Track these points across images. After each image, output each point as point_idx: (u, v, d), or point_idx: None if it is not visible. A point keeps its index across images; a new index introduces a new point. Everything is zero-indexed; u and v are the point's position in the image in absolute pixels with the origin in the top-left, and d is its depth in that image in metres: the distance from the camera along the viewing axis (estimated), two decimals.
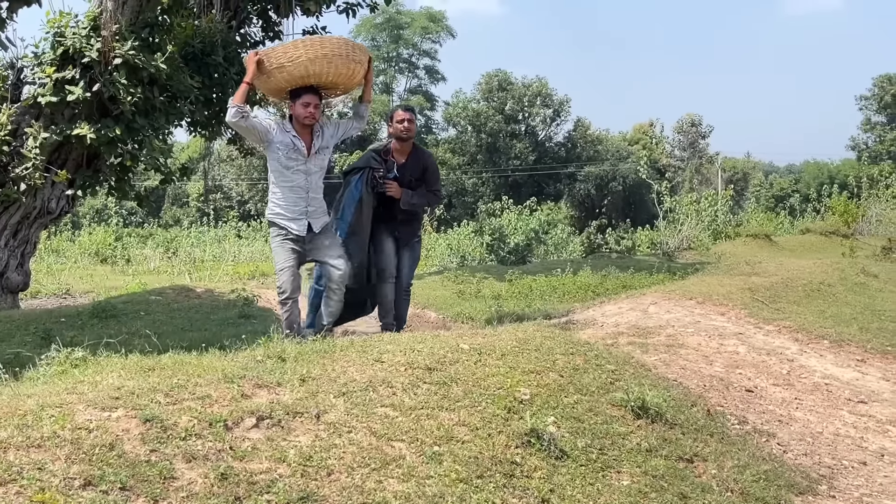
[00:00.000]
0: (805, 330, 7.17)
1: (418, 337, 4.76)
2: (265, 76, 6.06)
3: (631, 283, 13.85)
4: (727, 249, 23.56)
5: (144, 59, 10.76)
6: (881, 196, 34.38)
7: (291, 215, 6.17)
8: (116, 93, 10.58)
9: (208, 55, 12.72)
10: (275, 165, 6.19)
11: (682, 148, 75.73)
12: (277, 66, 5.97)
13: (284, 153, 6.09)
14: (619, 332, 6.85)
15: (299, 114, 6.13)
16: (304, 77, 6.04)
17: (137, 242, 36.67)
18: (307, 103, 6.10)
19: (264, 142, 6.14)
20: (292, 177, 6.15)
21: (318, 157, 6.27)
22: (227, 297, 10.70)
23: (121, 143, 11.21)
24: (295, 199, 6.17)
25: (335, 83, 6.27)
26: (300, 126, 6.18)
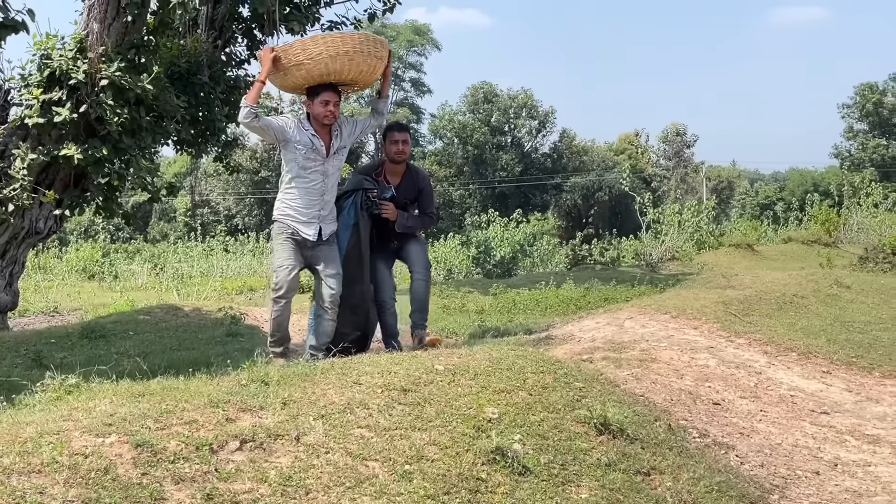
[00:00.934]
0: (774, 342, 7.40)
1: (396, 358, 4.96)
2: (281, 73, 5.91)
3: (612, 296, 14.12)
4: (710, 259, 23.86)
5: (131, 80, 10.89)
6: (862, 204, 34.81)
7: (304, 218, 5.99)
8: (103, 113, 10.72)
9: (194, 75, 12.90)
10: (292, 166, 6.00)
11: (668, 157, 76.29)
12: (296, 64, 5.80)
13: (303, 153, 5.93)
14: (595, 346, 7.07)
15: (318, 113, 5.97)
16: (324, 75, 5.88)
17: (125, 258, 36.77)
18: (326, 101, 5.95)
19: (281, 140, 5.98)
20: (310, 177, 5.97)
21: (336, 157, 6.11)
22: (215, 316, 10.87)
23: (108, 163, 11.33)
24: (310, 202, 5.99)
25: (354, 80, 6.12)
26: (318, 125, 6.02)
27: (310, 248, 6.03)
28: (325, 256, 6.04)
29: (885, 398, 6.25)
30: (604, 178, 64.31)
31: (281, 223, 6.04)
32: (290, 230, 5.97)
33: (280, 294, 5.91)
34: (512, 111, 64.06)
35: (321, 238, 6.04)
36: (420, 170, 7.15)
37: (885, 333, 8.27)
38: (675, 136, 76.81)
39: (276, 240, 6.06)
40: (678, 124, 77.04)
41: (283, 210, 6.03)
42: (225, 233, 41.87)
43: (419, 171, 7.06)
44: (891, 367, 7.03)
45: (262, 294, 23.35)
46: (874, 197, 35.61)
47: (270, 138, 6.03)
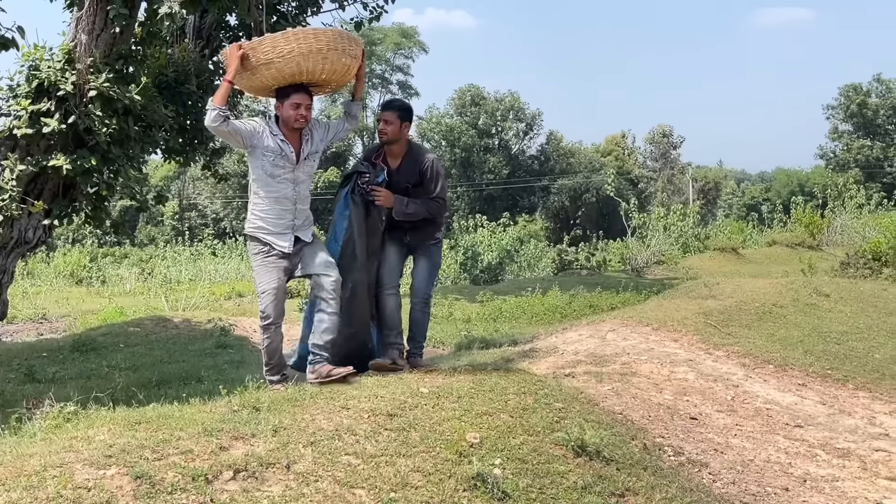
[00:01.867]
0: (752, 355, 7.59)
1: (382, 381, 5.12)
2: (249, 73, 5.47)
3: (597, 303, 14.32)
4: (695, 264, 24.12)
5: (119, 90, 10.96)
6: (845, 207, 35.17)
7: (277, 230, 5.58)
8: (92, 124, 10.78)
9: (182, 84, 13.01)
10: (259, 174, 5.56)
11: (654, 159, 76.63)
12: (265, 62, 5.36)
13: (271, 160, 5.50)
14: (577, 360, 7.24)
15: (289, 116, 5.55)
16: (295, 74, 5.47)
17: (112, 262, 36.75)
18: (297, 104, 5.54)
19: (248, 147, 5.53)
20: (279, 186, 5.55)
21: (307, 163, 5.68)
22: (204, 327, 11.00)
23: (96, 173, 11.38)
24: (281, 212, 5.58)
25: (327, 80, 5.69)
26: (288, 129, 5.59)
27: (293, 256, 5.66)
28: (308, 254, 5.67)
29: (857, 410, 6.45)
30: (591, 179, 64.61)
31: (254, 239, 5.65)
32: (266, 245, 5.58)
33: (268, 322, 5.55)
34: (499, 114, 64.32)
35: (301, 242, 5.70)
36: (423, 150, 6.41)
37: (860, 343, 8.47)
38: (662, 138, 77.18)
39: (255, 260, 5.66)
40: (664, 126, 77.43)
41: (255, 223, 5.65)
42: (213, 236, 41.90)
43: (421, 152, 6.30)
44: (864, 378, 7.23)
45: (250, 299, 23.43)
46: (857, 199, 35.98)
47: (238, 143, 5.56)
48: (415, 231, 6.21)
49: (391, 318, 6.19)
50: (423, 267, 6.27)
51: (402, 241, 6.26)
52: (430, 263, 6.31)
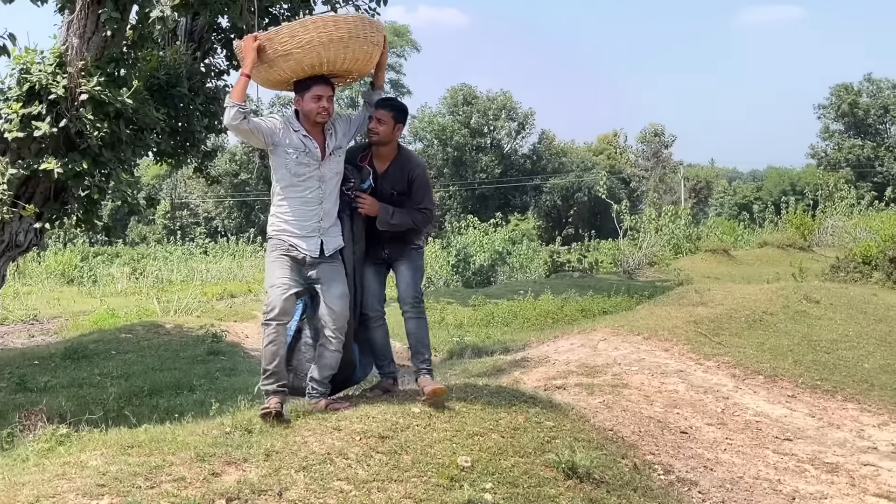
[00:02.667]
0: (742, 365, 7.63)
1: (374, 401, 5.13)
2: (266, 66, 5.15)
3: (588, 307, 14.35)
4: (687, 265, 24.18)
5: (110, 94, 10.92)
6: (836, 207, 35.30)
7: (302, 232, 5.22)
8: (83, 128, 10.74)
9: (173, 86, 13.01)
10: (283, 173, 5.24)
11: (646, 158, 76.73)
12: (283, 54, 5.05)
13: (294, 158, 5.18)
14: (569, 370, 7.26)
15: (310, 109, 5.21)
16: (315, 65, 5.13)
17: (104, 261, 36.65)
18: (319, 96, 5.19)
19: (269, 145, 5.22)
20: (304, 185, 5.22)
21: (332, 159, 5.32)
22: (196, 333, 10.99)
23: (88, 177, 11.37)
24: (307, 213, 5.24)
25: (349, 70, 5.37)
26: (309, 124, 5.26)
27: (310, 267, 5.24)
28: (328, 275, 5.25)
29: (846, 423, 6.49)
30: (583, 178, 64.74)
31: (276, 240, 5.29)
32: (287, 246, 5.21)
33: (272, 315, 5.09)
34: (491, 113, 64.39)
35: (323, 254, 5.25)
36: (413, 155, 5.96)
37: (850, 352, 8.52)
38: (654, 137, 77.29)
39: (270, 257, 5.30)
40: (656, 125, 77.53)
41: (278, 225, 5.29)
42: (204, 235, 41.84)
43: (411, 158, 5.85)
44: (853, 389, 7.28)
45: (242, 300, 23.42)
46: (848, 200, 36.13)
47: (259, 142, 5.27)
48: (393, 241, 5.73)
49: (381, 349, 5.75)
50: (404, 271, 5.73)
51: (380, 256, 5.77)
52: (413, 266, 5.78)
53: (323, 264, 5.26)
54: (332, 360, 5.26)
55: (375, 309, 5.71)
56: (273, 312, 5.09)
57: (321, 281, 5.25)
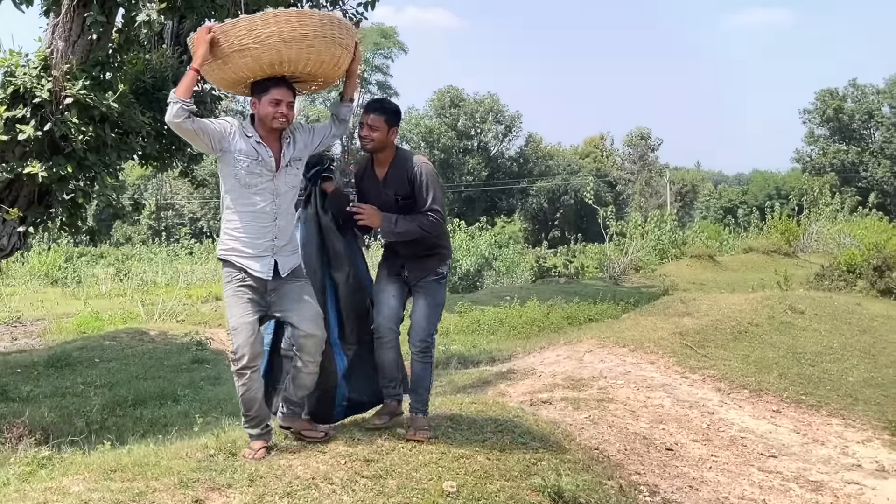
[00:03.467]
0: (727, 379, 7.64)
1: (358, 420, 5.10)
2: (220, 61, 4.54)
3: (574, 315, 14.34)
4: (672, 271, 24.23)
5: (96, 97, 10.85)
6: (821, 213, 35.50)
7: (253, 251, 4.64)
8: (68, 131, 10.67)
9: (159, 90, 12.89)
10: (231, 183, 4.66)
11: (632, 161, 76.95)
12: (239, 49, 4.46)
13: (245, 166, 4.60)
14: (555, 383, 7.26)
15: (267, 114, 4.64)
16: (275, 64, 4.57)
17: (88, 262, 36.44)
18: (277, 100, 4.63)
19: (217, 150, 4.60)
20: (255, 198, 4.64)
21: (289, 171, 4.75)
22: (181, 340, 10.92)
23: (72, 180, 11.30)
24: (258, 230, 4.66)
25: (314, 74, 4.78)
26: (266, 130, 4.68)
27: (271, 292, 4.70)
28: (294, 296, 4.72)
29: (830, 439, 6.50)
30: (569, 182, 64.91)
31: (227, 264, 4.74)
32: (241, 271, 4.64)
33: (243, 364, 4.57)
34: (478, 115, 64.56)
35: (278, 275, 4.71)
36: (411, 155, 5.31)
37: (835, 365, 8.55)
38: (640, 140, 77.54)
39: (227, 289, 4.74)
40: (643, 128, 77.83)
41: (227, 244, 4.73)
42: (190, 236, 41.65)
43: (410, 158, 5.24)
44: (837, 404, 7.30)
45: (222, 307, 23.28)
46: (833, 206, 36.33)
47: (204, 145, 4.62)
48: (414, 264, 5.19)
49: (388, 370, 5.21)
50: (421, 307, 5.14)
51: (400, 275, 5.21)
52: (431, 302, 5.15)
53: (285, 286, 4.73)
54: (309, 380, 4.81)
55: (389, 329, 5.13)
56: (243, 361, 4.58)
57: (284, 304, 4.71)
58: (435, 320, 5.20)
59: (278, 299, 4.73)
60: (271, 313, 4.79)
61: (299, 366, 4.77)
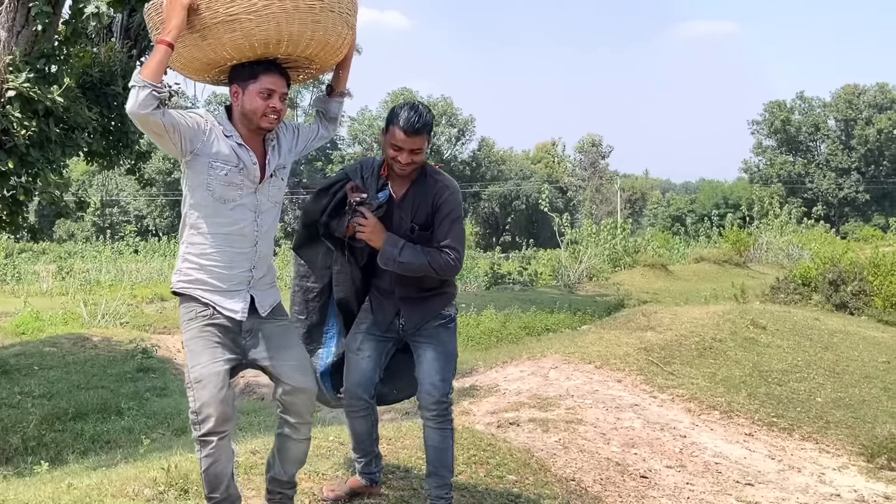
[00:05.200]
0: (697, 399, 7.43)
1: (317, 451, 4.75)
2: (197, 35, 3.48)
3: (532, 324, 14.16)
4: (625, 279, 24.24)
5: (40, 91, 10.42)
6: (770, 224, 35.91)
7: (224, 285, 3.62)
8: (10, 126, 10.23)
9: (107, 85, 12.47)
10: (201, 196, 3.60)
11: (583, 167, 77.39)
12: (226, 20, 3.42)
13: (223, 174, 3.57)
14: (520, 401, 6.97)
15: (255, 109, 3.60)
16: (271, 43, 3.55)
17: (29, 258, 35.48)
18: (269, 91, 3.61)
19: (187, 152, 3.54)
20: (232, 216, 3.62)
21: (273, 182, 3.75)
22: (125, 347, 10.44)
23: (13, 177, 10.86)
24: (233, 257, 3.64)
25: (311, 57, 3.73)
26: (249, 130, 3.66)
27: (247, 333, 3.67)
28: (272, 340, 3.71)
29: (806, 466, 6.32)
30: (521, 186, 65.02)
31: (189, 300, 3.63)
32: (207, 307, 3.60)
33: (208, 430, 3.48)
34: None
35: (255, 313, 3.70)
36: (441, 176, 4.09)
37: (802, 385, 8.41)
38: (591, 147, 78.04)
39: (188, 329, 3.63)
40: (594, 135, 78.42)
41: (189, 273, 3.64)
42: (135, 234, 40.75)
43: (440, 178, 4.06)
44: (809, 427, 7.13)
45: (173, 304, 22.73)
46: (781, 218, 36.77)
47: (171, 145, 3.51)
48: (411, 307, 4.07)
49: (361, 442, 4.22)
50: (429, 360, 4.02)
51: (386, 328, 4.12)
52: (442, 352, 4.04)
53: (265, 326, 3.71)
54: (301, 452, 3.80)
55: (358, 398, 4.10)
56: (208, 424, 3.46)
57: (268, 352, 3.68)
58: (450, 374, 4.08)
59: (256, 343, 3.68)
60: (247, 361, 3.69)
61: (287, 432, 3.73)
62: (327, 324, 4.23)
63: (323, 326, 4.23)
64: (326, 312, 4.21)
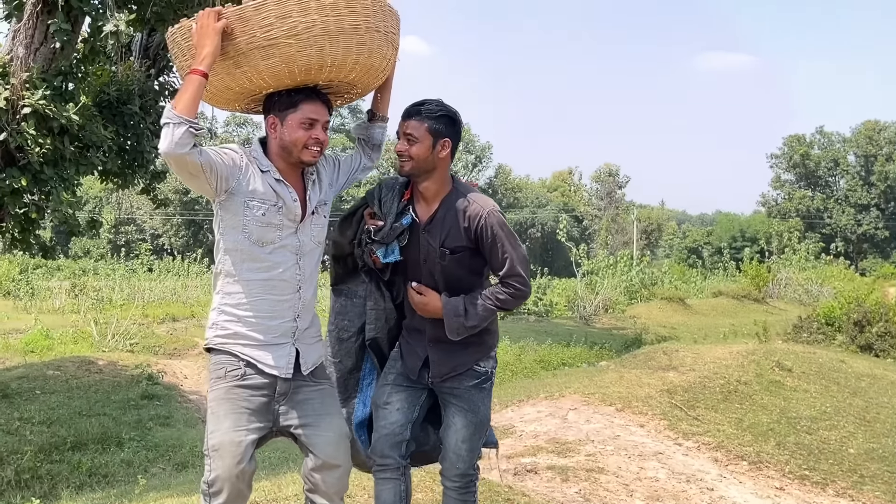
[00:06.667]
0: (724, 448, 7.10)
1: None
2: (230, 62, 3.12)
3: (548, 358, 13.85)
4: (642, 313, 23.89)
5: (56, 108, 10.28)
6: (789, 260, 35.52)
7: (266, 337, 3.25)
8: (24, 143, 10.08)
9: (124, 104, 12.38)
10: (237, 239, 3.24)
11: (600, 197, 77.17)
12: (264, 45, 3.06)
13: (260, 214, 3.21)
14: (538, 445, 6.66)
15: (296, 140, 3.24)
16: (314, 69, 3.17)
17: (44, 274, 35.47)
18: (311, 121, 3.25)
19: (222, 191, 3.18)
20: (272, 259, 3.25)
21: (315, 220, 3.38)
22: (131, 373, 10.17)
23: (26, 194, 10.72)
24: (274, 306, 3.27)
25: (353, 83, 3.40)
26: (287, 163, 3.30)
27: (281, 397, 3.28)
28: (309, 406, 3.33)
29: None
30: (536, 214, 64.80)
31: (223, 356, 3.27)
32: (241, 370, 3.22)
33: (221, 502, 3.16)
34: None
35: (299, 371, 3.32)
36: (473, 195, 3.56)
37: (832, 433, 8.05)
38: (608, 177, 77.87)
39: (216, 388, 3.25)
40: (611, 164, 78.31)
41: (226, 327, 3.27)
42: (150, 252, 40.74)
43: (472, 200, 3.51)
44: (844, 482, 6.77)
45: (184, 325, 22.55)
46: (800, 253, 36.40)
47: (206, 186, 3.13)
48: (440, 353, 3.57)
49: None
50: (459, 427, 3.56)
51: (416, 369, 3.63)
52: (471, 420, 3.57)
53: (303, 390, 3.31)
54: None
55: (385, 456, 3.56)
56: (219, 499, 3.15)
57: (303, 419, 3.29)
58: (477, 444, 3.63)
59: (291, 409, 3.28)
60: (278, 428, 3.31)
61: None
62: (363, 369, 3.75)
63: (358, 372, 3.77)
64: (362, 356, 3.73)
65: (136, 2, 11.86)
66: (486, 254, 3.49)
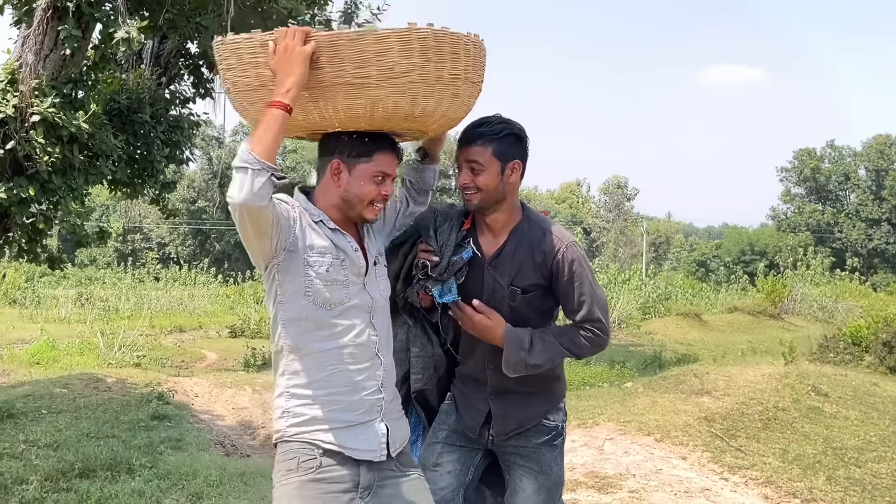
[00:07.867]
0: (773, 483, 6.68)
1: None
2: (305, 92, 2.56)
3: (568, 377, 13.34)
4: (658, 328, 23.49)
5: (65, 116, 9.96)
6: (803, 275, 35.08)
7: (351, 416, 2.74)
8: (32, 151, 9.77)
9: (134, 112, 12.04)
10: (301, 307, 2.70)
11: (608, 209, 76.82)
12: (350, 81, 2.56)
13: (323, 272, 2.70)
14: (576, 479, 6.27)
15: (364, 195, 2.77)
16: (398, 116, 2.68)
17: (50, 283, 35.23)
18: (384, 175, 2.79)
19: (279, 251, 2.66)
20: (343, 323, 2.73)
21: (378, 271, 2.91)
22: (140, 391, 9.78)
23: (34, 204, 10.39)
24: (353, 377, 2.74)
25: (427, 131, 2.96)
26: (343, 214, 2.81)
27: (361, 490, 2.72)
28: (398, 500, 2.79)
29: None
30: None
31: (297, 444, 2.72)
32: (314, 457, 2.69)
33: None
34: None
35: (388, 453, 2.78)
36: (548, 226, 3.15)
37: (882, 465, 7.62)
38: (616, 189, 77.54)
39: (281, 485, 2.71)
40: (620, 176, 77.95)
41: (300, 413, 2.73)
42: (157, 261, 40.50)
43: (546, 230, 3.11)
44: None
45: (192, 337, 22.23)
46: (815, 267, 35.97)
47: (269, 243, 2.62)
48: (504, 407, 3.14)
49: None
50: (529, 490, 3.11)
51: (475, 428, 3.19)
52: (544, 482, 3.13)
53: (391, 482, 2.78)
54: None
55: None
56: None
57: None
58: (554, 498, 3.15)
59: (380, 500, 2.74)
60: None
61: None
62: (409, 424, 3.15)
63: None
64: (406, 409, 3.18)
65: (148, 8, 11.55)
66: (560, 293, 3.06)
